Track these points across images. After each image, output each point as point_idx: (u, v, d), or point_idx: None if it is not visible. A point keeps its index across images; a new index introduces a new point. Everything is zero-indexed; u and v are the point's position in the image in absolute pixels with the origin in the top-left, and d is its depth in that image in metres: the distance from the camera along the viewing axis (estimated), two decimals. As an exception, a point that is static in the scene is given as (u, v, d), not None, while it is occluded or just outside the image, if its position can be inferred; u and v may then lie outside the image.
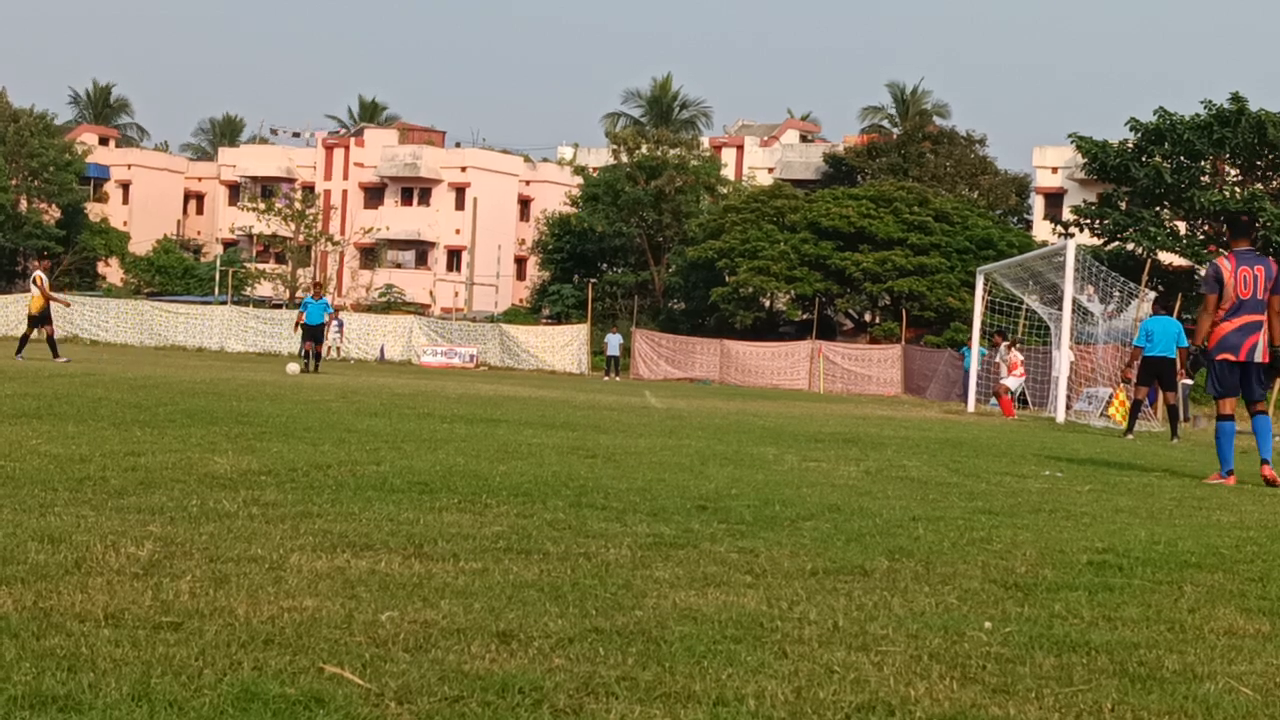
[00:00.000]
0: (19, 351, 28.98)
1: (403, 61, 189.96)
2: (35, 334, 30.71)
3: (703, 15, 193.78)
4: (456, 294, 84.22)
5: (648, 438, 14.62)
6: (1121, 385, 28.38)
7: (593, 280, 70.41)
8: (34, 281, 30.17)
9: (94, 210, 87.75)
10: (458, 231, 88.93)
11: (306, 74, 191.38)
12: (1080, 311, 31.31)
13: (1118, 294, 32.69)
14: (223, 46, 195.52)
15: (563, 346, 60.30)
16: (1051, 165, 79.38)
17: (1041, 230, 70.43)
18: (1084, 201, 59.05)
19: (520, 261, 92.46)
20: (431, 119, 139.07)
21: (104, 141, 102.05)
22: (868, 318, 67.69)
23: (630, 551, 6.26)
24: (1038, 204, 79.47)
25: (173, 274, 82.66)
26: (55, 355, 28.69)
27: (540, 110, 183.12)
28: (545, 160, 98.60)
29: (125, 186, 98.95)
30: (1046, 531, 7.81)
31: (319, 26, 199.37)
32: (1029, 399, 34.38)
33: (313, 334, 34.40)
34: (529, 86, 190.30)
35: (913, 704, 3.91)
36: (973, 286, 38.41)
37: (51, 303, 29.99)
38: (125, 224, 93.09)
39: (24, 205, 79.96)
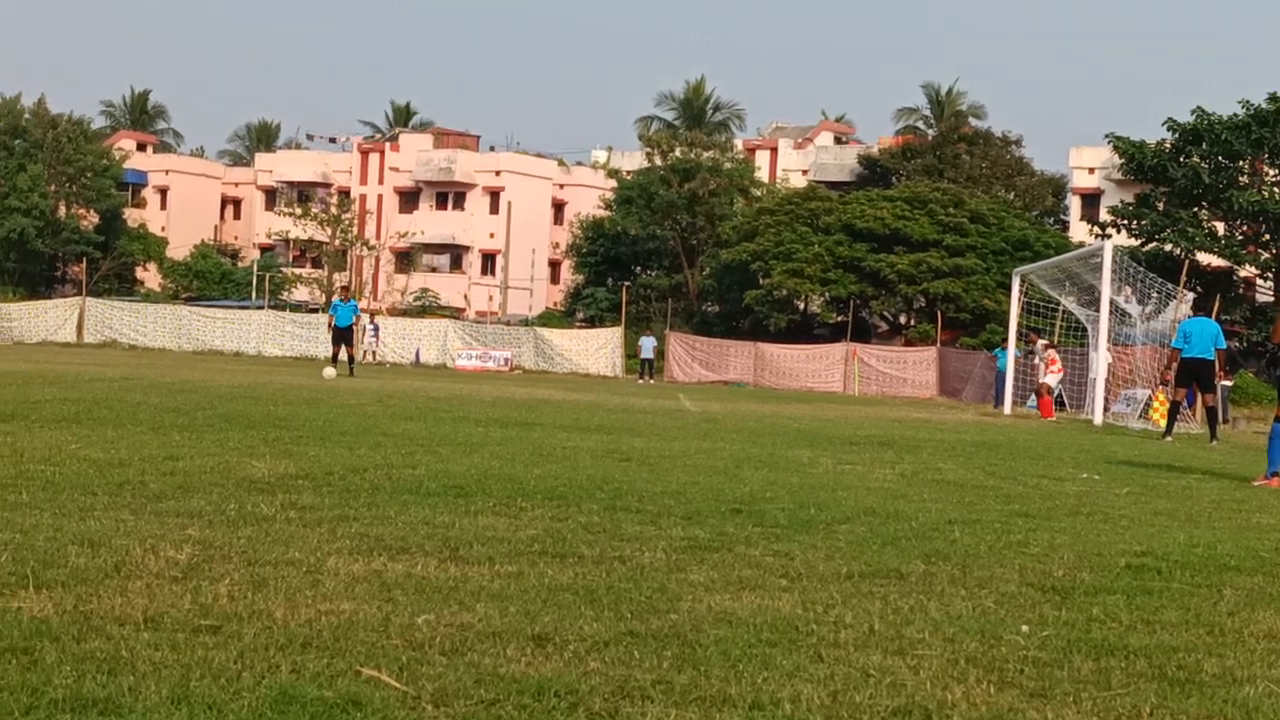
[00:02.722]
0: None
1: (437, 66, 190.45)
2: None
3: (736, 17, 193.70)
4: (491, 297, 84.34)
5: (682, 441, 14.62)
6: (1160, 387, 28.21)
7: (627, 283, 70.38)
8: None
9: (132, 216, 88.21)
10: (492, 235, 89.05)
11: (342, 79, 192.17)
12: (1118, 313, 31.13)
13: (1155, 295, 32.49)
14: (259, 52, 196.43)
15: (597, 350, 60.29)
16: (1088, 166, 78.93)
17: (1078, 231, 70.03)
18: (1121, 202, 58.70)
19: (554, 265, 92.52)
20: (466, 123, 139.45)
21: (141, 147, 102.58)
22: (903, 320, 67.44)
23: (665, 555, 6.26)
24: (1074, 205, 79.02)
25: (210, 279, 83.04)
26: None
27: (574, 114, 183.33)
28: (579, 164, 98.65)
29: (163, 192, 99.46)
30: (1084, 535, 7.78)
31: (354, 32, 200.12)
32: (1066, 401, 34.19)
33: (343, 336, 34.48)
34: (562, 90, 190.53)
35: (949, 708, 3.90)
36: (1009, 288, 38.24)
37: None
38: (163, 229, 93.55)
39: (63, 211, 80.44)
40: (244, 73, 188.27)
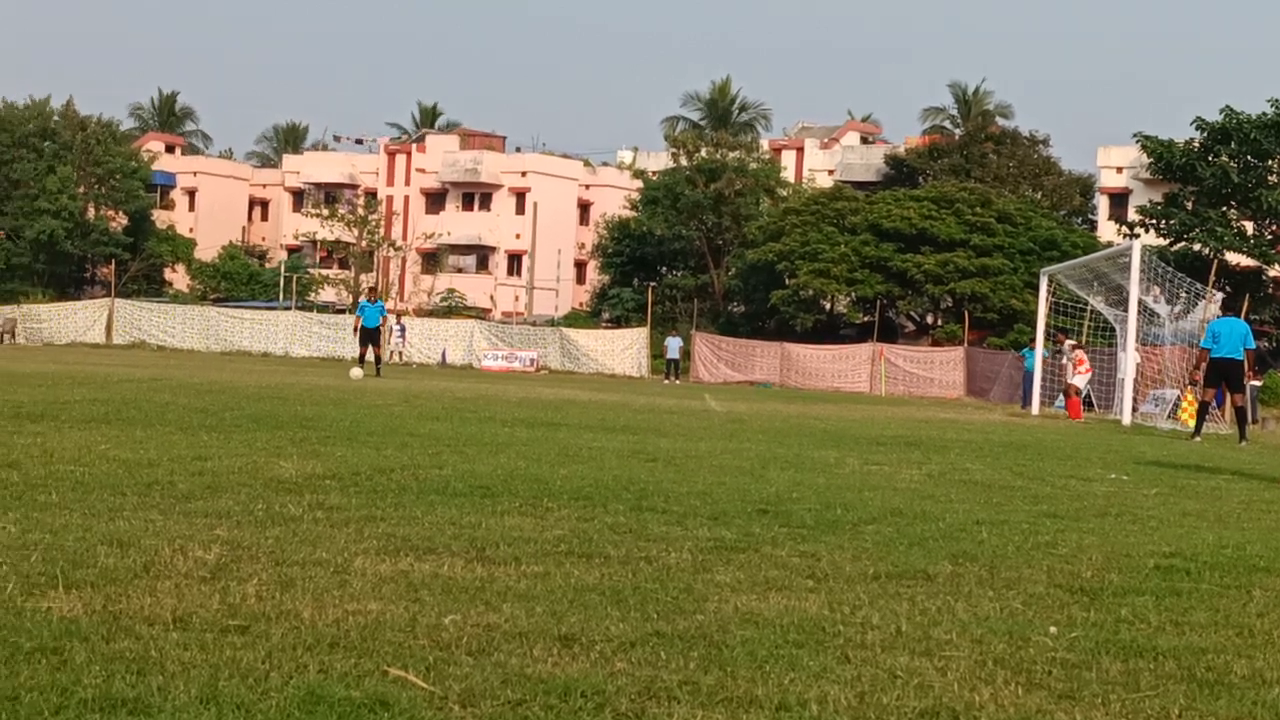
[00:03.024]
0: None
1: (463, 68, 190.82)
2: None
3: (762, 17, 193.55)
4: (517, 298, 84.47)
5: (708, 441, 14.62)
6: (1189, 387, 28.09)
7: (652, 284, 70.39)
8: None
9: (160, 217, 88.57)
10: (518, 236, 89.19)
11: (368, 81, 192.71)
12: (1146, 313, 31.02)
13: (1184, 295, 32.36)
14: (286, 55, 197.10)
15: (623, 350, 60.32)
16: (1116, 165, 78.64)
17: (1106, 231, 69.78)
18: (1149, 202, 58.46)
19: (580, 265, 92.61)
20: (492, 125, 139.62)
21: (170, 149, 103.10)
22: (930, 320, 67.29)
23: (691, 555, 6.26)
24: (1102, 204, 78.76)
25: (238, 280, 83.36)
26: None
27: (600, 115, 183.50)
28: (605, 164, 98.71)
29: (191, 194, 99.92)
30: (1112, 535, 7.75)
31: (381, 34, 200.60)
32: (1094, 401, 34.07)
33: (370, 336, 34.55)
34: (588, 91, 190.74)
35: (977, 710, 3.90)
36: (1036, 288, 38.11)
37: None
38: (191, 230, 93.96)
39: (92, 213, 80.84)
40: (272, 75, 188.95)
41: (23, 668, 3.79)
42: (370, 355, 34.33)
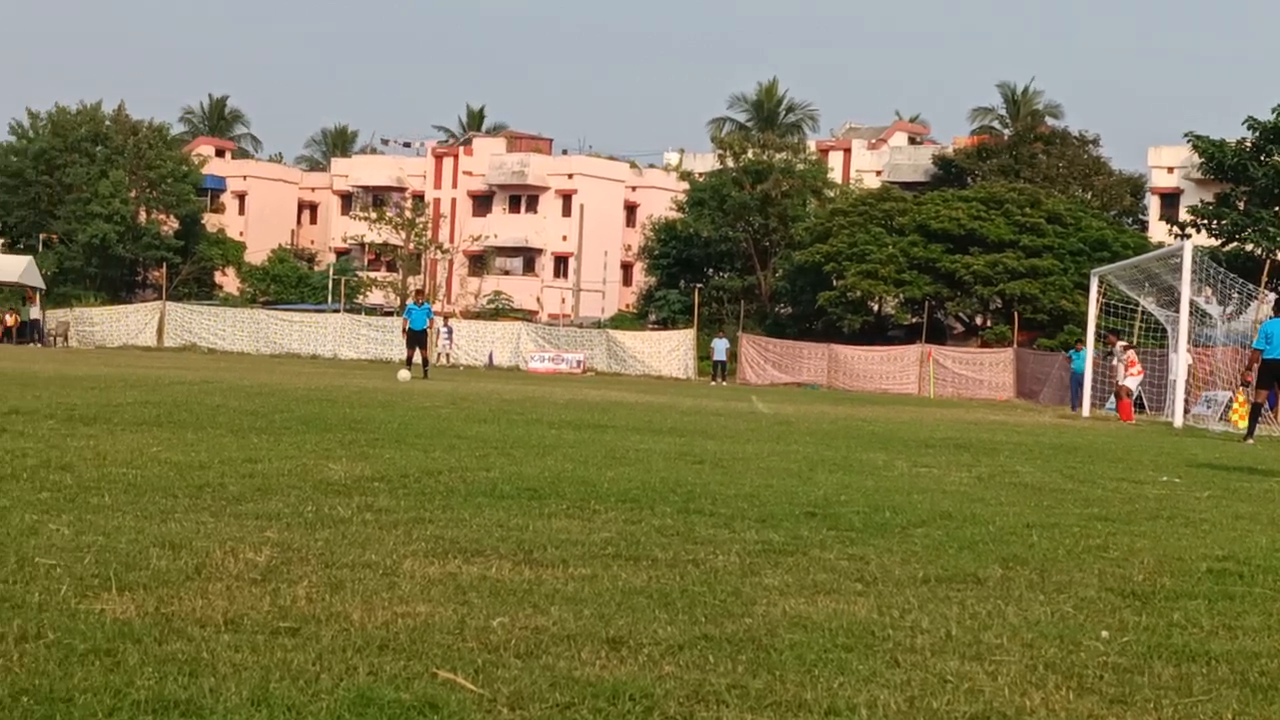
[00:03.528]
0: None
1: (510, 70, 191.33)
2: None
3: (809, 18, 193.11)
4: (564, 300, 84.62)
5: (755, 443, 14.59)
6: (1241, 389, 27.85)
7: (699, 285, 70.35)
8: None
9: (211, 221, 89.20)
10: (564, 238, 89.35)
11: (416, 85, 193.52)
12: (1198, 314, 30.78)
13: (1236, 295, 32.09)
14: (335, 59, 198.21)
15: (669, 352, 60.32)
16: (1167, 165, 78.05)
17: (1157, 231, 69.25)
18: (1201, 202, 57.96)
19: (626, 267, 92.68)
20: (538, 127, 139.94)
21: (220, 153, 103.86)
22: (979, 321, 66.97)
23: (739, 558, 6.25)
24: (1153, 204, 78.18)
25: (287, 283, 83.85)
26: None
27: (646, 116, 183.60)
28: (651, 166, 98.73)
29: (241, 197, 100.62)
30: (1164, 539, 7.69)
31: (427, 38, 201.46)
32: (1145, 403, 33.82)
33: (417, 339, 34.67)
34: (635, 93, 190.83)
35: (1028, 714, 3.87)
36: (1087, 289, 37.87)
37: None
38: (241, 234, 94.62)
39: (143, 217, 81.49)
40: (320, 79, 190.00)
41: (77, 669, 3.82)
42: (418, 357, 34.45)
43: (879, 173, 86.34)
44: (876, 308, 67.53)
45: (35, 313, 60.05)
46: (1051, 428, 23.79)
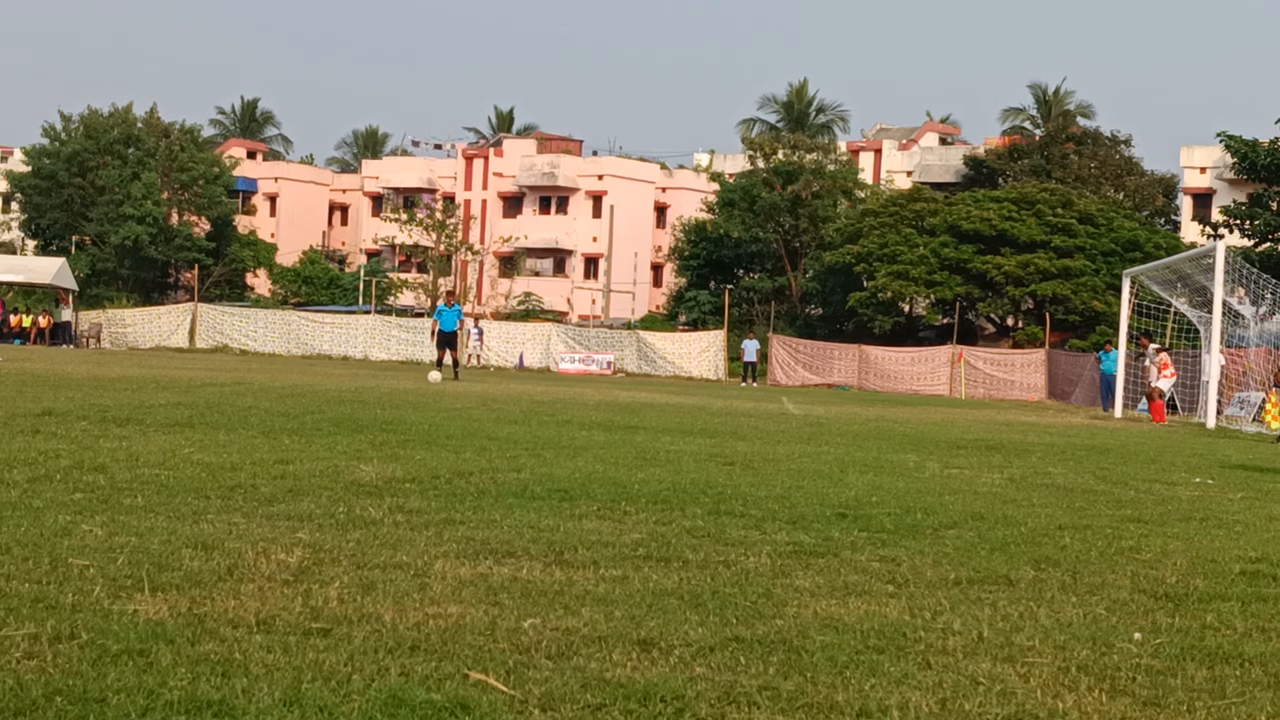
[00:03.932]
0: None
1: (540, 72, 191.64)
2: None
3: (839, 19, 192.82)
4: (594, 301, 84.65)
5: (786, 445, 14.57)
6: (1274, 389, 27.67)
7: (729, 286, 70.27)
8: None
9: (242, 222, 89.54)
10: (595, 239, 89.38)
11: (446, 86, 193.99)
12: (1230, 314, 30.60)
13: (1269, 296, 31.87)
14: (365, 61, 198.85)
15: (699, 353, 60.28)
16: (1200, 165, 77.62)
17: (1190, 232, 68.88)
18: (1234, 202, 57.60)
19: (657, 268, 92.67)
20: (568, 128, 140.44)
21: (251, 155, 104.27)
22: (1010, 322, 66.71)
23: (770, 560, 6.25)
24: (1186, 205, 77.75)
25: (318, 284, 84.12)
26: None
27: (676, 118, 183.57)
28: (681, 167, 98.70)
29: (272, 199, 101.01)
30: (1197, 540, 7.65)
31: (458, 40, 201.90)
32: (1178, 404, 33.65)
33: (447, 340, 34.71)
34: (665, 94, 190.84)
35: (1060, 717, 3.86)
36: (1119, 290, 37.70)
37: None
38: (273, 236, 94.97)
39: (175, 218, 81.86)
40: (351, 81, 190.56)
41: (110, 670, 3.84)
42: (448, 359, 34.50)
43: (910, 173, 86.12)
44: (907, 309, 67.34)
45: (68, 314, 60.40)
46: (1084, 429, 23.69)
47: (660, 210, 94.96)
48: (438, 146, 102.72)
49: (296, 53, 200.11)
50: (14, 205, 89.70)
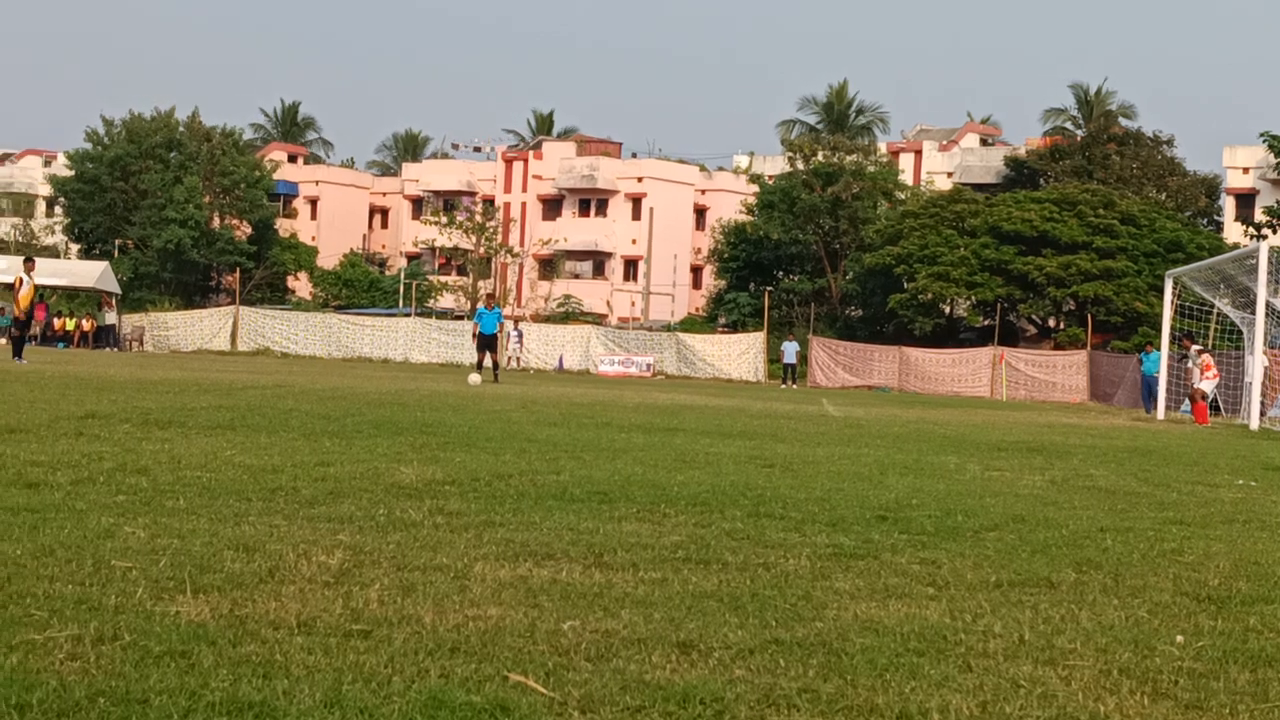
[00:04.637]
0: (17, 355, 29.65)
1: (579, 75, 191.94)
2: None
3: (879, 20, 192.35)
4: (633, 303, 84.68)
5: (825, 447, 14.54)
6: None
7: (769, 288, 70.15)
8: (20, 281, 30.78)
9: (283, 226, 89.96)
10: (634, 241, 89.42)
11: (486, 89, 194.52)
12: (1274, 315, 30.33)
13: (1313, 297, 31.58)
14: (404, 64, 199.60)
15: (739, 355, 60.21)
16: (1243, 165, 77.04)
17: (1233, 232, 68.40)
18: (1277, 202, 57.20)
19: (696, 270, 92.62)
20: (608, 131, 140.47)
21: (292, 159, 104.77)
22: (1051, 323, 66.38)
23: (809, 562, 6.24)
24: (1229, 205, 77.21)
25: (359, 287, 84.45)
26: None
27: (715, 119, 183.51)
28: (721, 169, 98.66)
29: (313, 202, 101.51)
30: (1241, 543, 7.59)
31: (497, 43, 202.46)
32: (1221, 405, 33.40)
33: (487, 343, 34.78)
34: (704, 96, 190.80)
35: (1102, 720, 3.84)
36: (1161, 290, 37.46)
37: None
38: (313, 239, 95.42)
39: (217, 222, 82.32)
40: (391, 85, 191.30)
41: (152, 671, 3.87)
42: (488, 361, 34.58)
43: (950, 174, 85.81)
44: (948, 310, 67.09)
45: (111, 318, 60.85)
46: (1126, 431, 23.55)
47: (699, 212, 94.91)
48: (477, 149, 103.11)
49: (337, 57, 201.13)
50: (58, 209, 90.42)
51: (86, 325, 60.62)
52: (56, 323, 61.26)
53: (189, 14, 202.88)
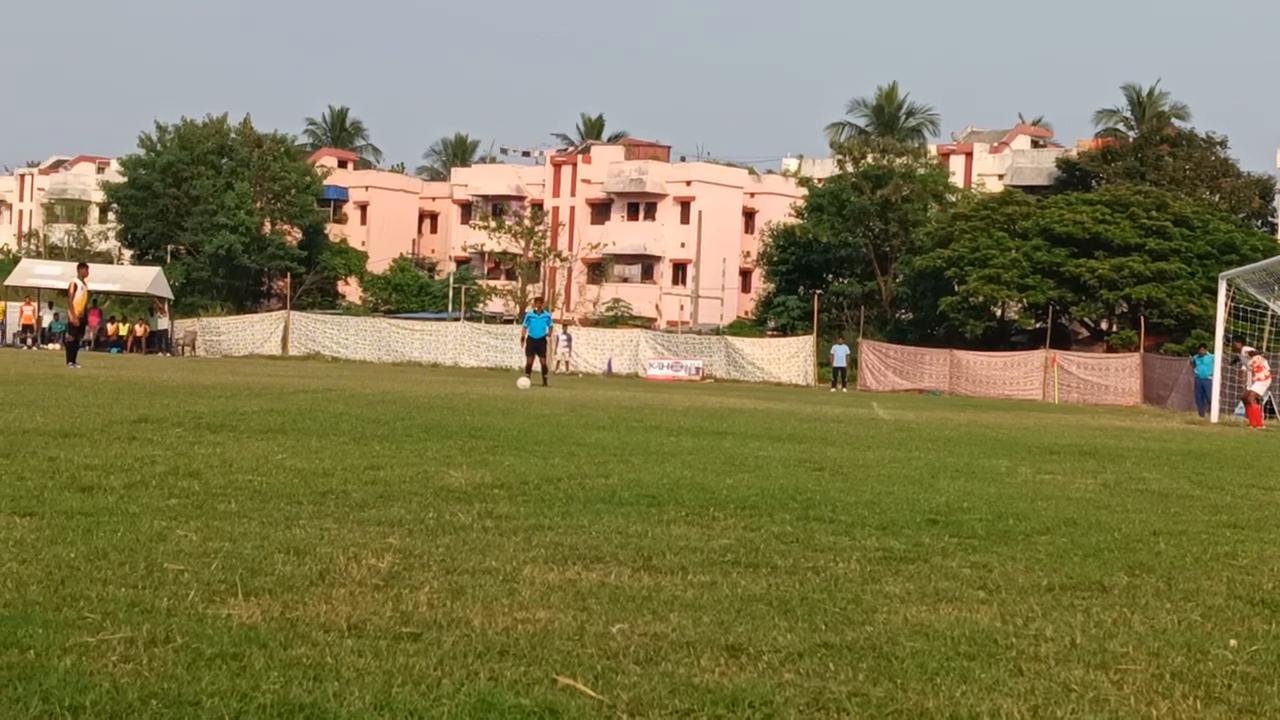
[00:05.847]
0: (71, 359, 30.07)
1: (628, 78, 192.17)
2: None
3: (930, 22, 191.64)
4: (682, 307, 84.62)
5: (875, 450, 14.49)
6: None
7: (818, 291, 69.98)
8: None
9: (333, 231, 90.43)
10: (683, 245, 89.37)
11: (534, 94, 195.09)
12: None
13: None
14: (453, 69, 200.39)
15: (788, 358, 60.07)
16: (1297, 165, 76.29)
17: (1287, 233, 67.70)
18: (1332, 202, 56.60)
19: (745, 274, 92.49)
20: (656, 134, 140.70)
21: (342, 164, 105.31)
22: (1104, 326, 65.92)
23: (859, 566, 6.22)
24: (1283, 206, 76.45)
25: (408, 291, 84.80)
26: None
27: (764, 122, 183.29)
28: (770, 172, 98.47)
29: (363, 207, 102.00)
30: (1296, 547, 7.51)
31: (545, 48, 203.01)
32: (1276, 408, 33.08)
33: (536, 347, 34.82)
34: (753, 99, 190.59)
35: (1155, 725, 3.81)
36: (1214, 292, 37.13)
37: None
38: (363, 244, 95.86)
39: (268, 228, 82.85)
40: (440, 90, 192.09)
41: (204, 673, 3.89)
42: (537, 365, 34.64)
43: (1001, 176, 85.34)
44: (999, 313, 66.74)
45: (164, 323, 61.38)
46: (1179, 434, 23.35)
47: (748, 215, 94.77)
48: (526, 154, 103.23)
49: (387, 63, 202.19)
50: (111, 215, 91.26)
51: (139, 330, 61.14)
52: (110, 328, 61.83)
53: (243, 23, 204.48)
